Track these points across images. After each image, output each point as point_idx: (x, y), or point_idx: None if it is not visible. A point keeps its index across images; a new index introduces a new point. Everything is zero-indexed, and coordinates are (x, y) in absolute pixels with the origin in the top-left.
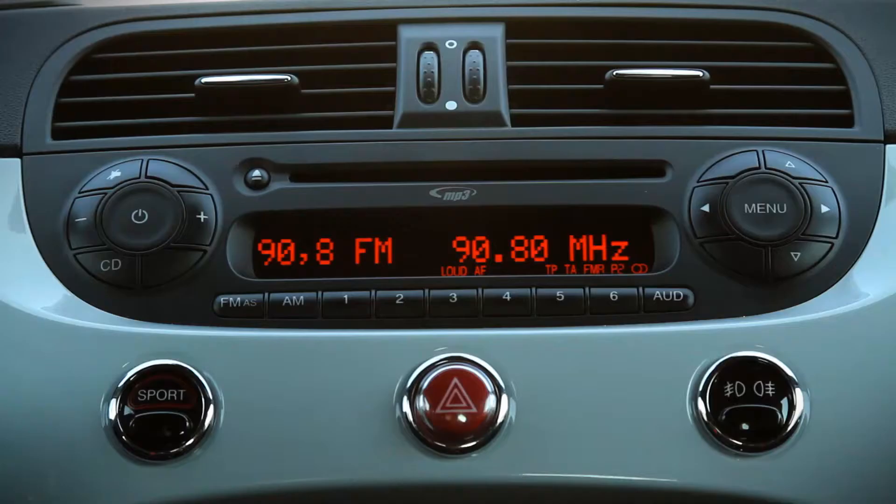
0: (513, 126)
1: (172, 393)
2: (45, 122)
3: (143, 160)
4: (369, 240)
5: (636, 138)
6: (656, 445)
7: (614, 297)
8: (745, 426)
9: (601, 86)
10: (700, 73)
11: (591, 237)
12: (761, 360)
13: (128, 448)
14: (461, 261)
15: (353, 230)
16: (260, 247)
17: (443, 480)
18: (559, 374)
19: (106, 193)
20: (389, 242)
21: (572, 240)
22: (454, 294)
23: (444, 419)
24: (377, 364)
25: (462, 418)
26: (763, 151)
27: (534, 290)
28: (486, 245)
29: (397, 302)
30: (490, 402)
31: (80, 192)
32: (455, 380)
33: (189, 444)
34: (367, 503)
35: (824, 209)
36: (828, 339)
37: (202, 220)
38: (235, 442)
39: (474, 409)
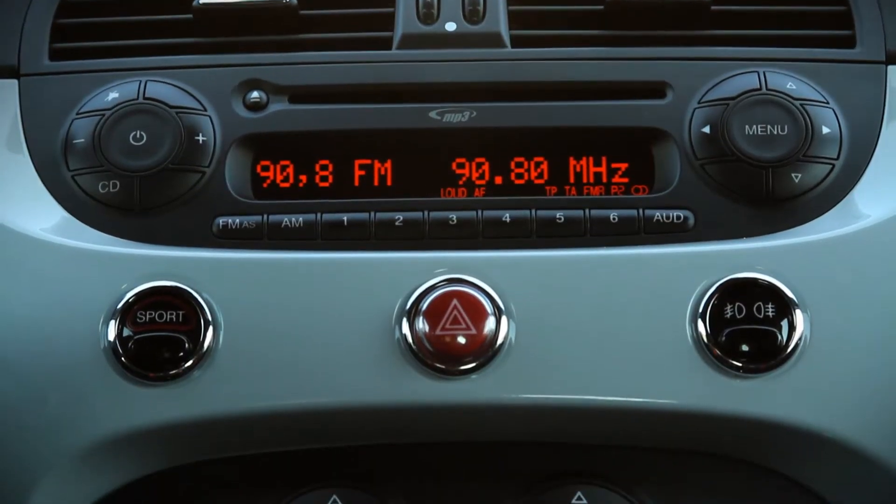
0: (512, 47)
1: (171, 314)
2: (42, 44)
3: (141, 81)
4: (368, 162)
5: (637, 59)
6: (656, 367)
7: (614, 219)
8: (744, 347)
9: (601, 7)
10: None
11: (591, 159)
12: (761, 281)
13: (127, 370)
14: (461, 183)
15: (352, 152)
16: (259, 168)
17: (442, 402)
18: (559, 296)
19: (104, 115)
20: (389, 164)
21: (572, 161)
22: (453, 216)
23: (444, 341)
24: (376, 285)
25: (461, 340)
26: (764, 73)
27: (533, 211)
28: (486, 167)
29: (396, 224)
30: (489, 324)
31: (77, 114)
32: (454, 301)
33: (188, 366)
34: (366, 425)
35: (825, 130)
36: (828, 261)
37: (201, 141)
38: (234, 363)
39: (474, 331)
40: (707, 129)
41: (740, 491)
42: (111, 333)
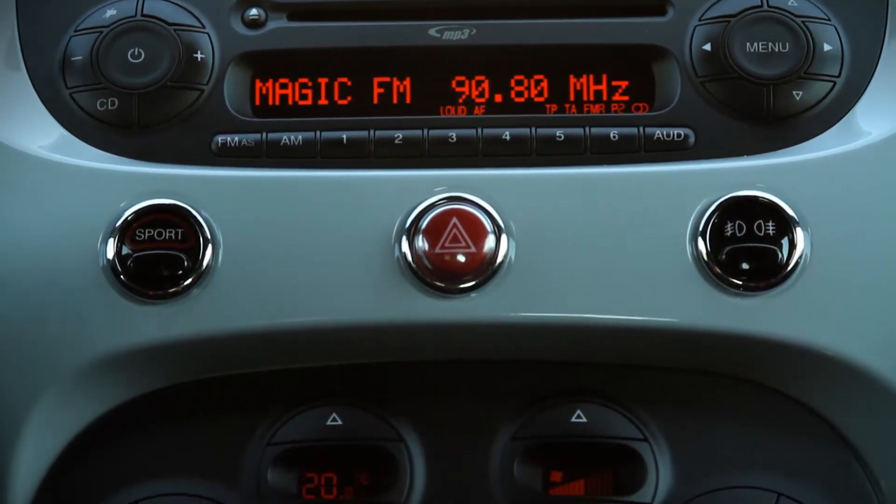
0: None
1: (170, 233)
2: None
3: None
4: (368, 80)
5: None
6: (656, 285)
7: (615, 137)
8: (745, 266)
9: None
10: None
11: (591, 77)
12: (762, 199)
13: (126, 288)
14: (460, 101)
15: (352, 70)
16: (257, 86)
17: (441, 320)
18: (559, 214)
19: (102, 32)
20: (388, 82)
21: (572, 79)
22: (453, 134)
23: (443, 259)
24: (376, 204)
25: (461, 258)
26: None
27: (533, 129)
28: (486, 85)
29: (396, 142)
30: (489, 242)
31: (75, 31)
32: (454, 219)
33: (187, 284)
34: (365, 343)
35: (827, 47)
36: (829, 179)
37: (199, 59)
38: (234, 282)
39: (473, 249)
40: (708, 47)
41: (741, 410)
42: (110, 251)
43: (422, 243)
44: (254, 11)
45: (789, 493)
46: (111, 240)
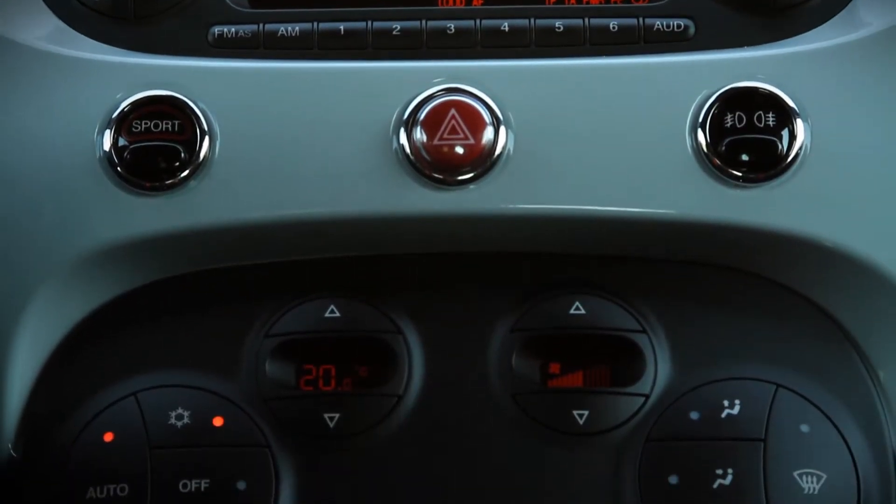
0: None
1: (167, 124)
2: None
3: None
4: None
5: None
6: (655, 177)
7: (614, 28)
8: (744, 157)
9: None
10: None
11: None
12: (762, 90)
13: (123, 179)
14: None
15: None
16: None
17: (440, 212)
18: (558, 106)
19: None
20: None
21: None
22: (451, 25)
23: (442, 150)
24: (374, 95)
25: (459, 150)
26: None
27: (532, 20)
28: None
29: (394, 33)
30: (488, 134)
31: None
32: (453, 111)
33: (184, 176)
34: (363, 235)
35: None
36: (829, 70)
37: None
38: (231, 173)
39: (472, 141)
40: None
41: (740, 302)
42: (107, 143)
43: (420, 135)
44: None
45: (788, 385)
46: (108, 131)
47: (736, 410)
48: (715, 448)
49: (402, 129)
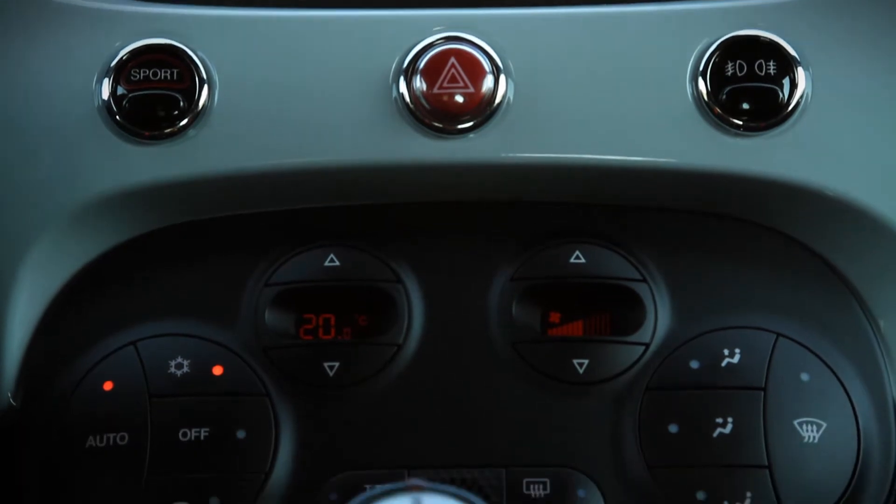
0: None
1: (166, 73)
2: None
3: None
4: None
5: None
6: (655, 125)
7: None
8: (745, 105)
9: None
10: None
11: None
12: (763, 38)
13: (121, 128)
14: None
15: None
16: None
17: (439, 160)
18: (558, 55)
19: None
20: None
21: None
22: None
23: (441, 99)
24: (373, 43)
25: (459, 98)
26: None
27: None
28: None
29: None
30: (488, 82)
31: None
32: (452, 59)
33: (183, 124)
34: (362, 183)
35: None
36: (831, 17)
37: None
38: (230, 122)
39: (472, 89)
40: None
41: (741, 252)
42: (105, 91)
43: (420, 83)
44: None
45: (788, 334)
46: (106, 80)
47: (736, 359)
48: (715, 396)
49: (402, 78)
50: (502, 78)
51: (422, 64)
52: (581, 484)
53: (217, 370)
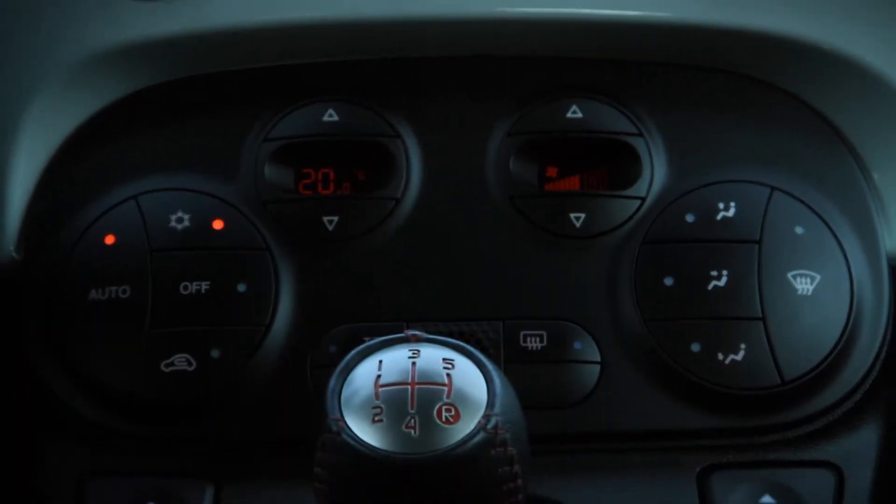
0: None
1: None
2: None
3: None
4: None
5: None
6: None
7: None
8: None
9: None
10: None
11: None
12: None
13: None
14: None
15: None
16: None
17: (438, 15)
18: None
19: None
20: None
21: None
22: None
23: None
24: None
25: None
26: None
27: None
28: None
29: None
30: None
31: None
32: None
33: None
34: (360, 38)
35: None
36: None
37: None
38: None
39: None
40: None
41: (737, 106)
42: None
43: None
44: None
45: (783, 187)
46: None
47: (731, 212)
48: (710, 249)
49: None
50: None
51: None
52: (577, 336)
53: (217, 224)
